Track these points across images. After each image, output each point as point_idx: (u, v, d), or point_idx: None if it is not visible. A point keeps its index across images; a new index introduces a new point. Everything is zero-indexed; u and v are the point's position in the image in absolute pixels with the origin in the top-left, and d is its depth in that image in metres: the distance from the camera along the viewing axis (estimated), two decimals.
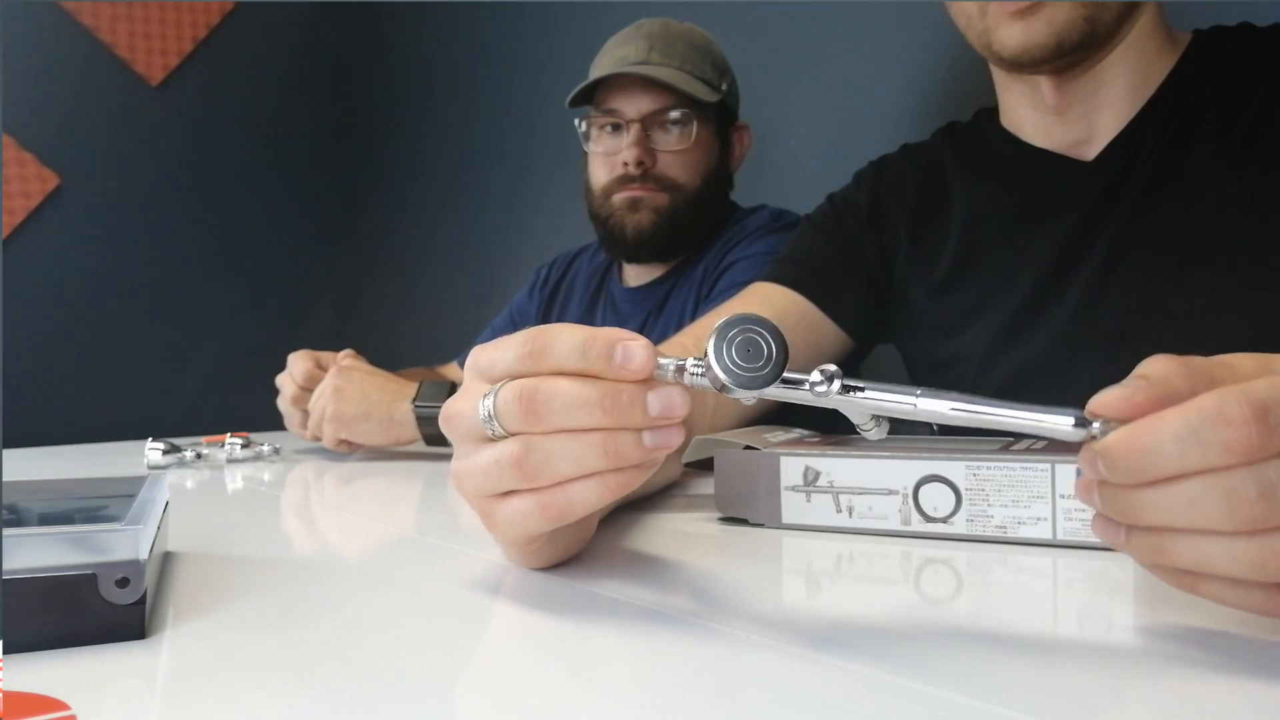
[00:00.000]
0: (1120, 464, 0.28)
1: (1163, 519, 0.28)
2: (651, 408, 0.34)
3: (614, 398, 0.33)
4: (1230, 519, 0.27)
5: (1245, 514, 0.27)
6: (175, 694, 0.29)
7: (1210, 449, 0.27)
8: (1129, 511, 0.29)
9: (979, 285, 0.75)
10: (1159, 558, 0.29)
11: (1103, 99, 0.70)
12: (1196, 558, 0.28)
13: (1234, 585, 0.29)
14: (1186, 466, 0.27)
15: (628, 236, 1.11)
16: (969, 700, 0.27)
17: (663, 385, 0.34)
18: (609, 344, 0.34)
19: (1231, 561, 0.28)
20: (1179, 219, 0.66)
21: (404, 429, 0.91)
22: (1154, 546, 0.29)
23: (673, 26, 1.11)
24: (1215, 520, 0.27)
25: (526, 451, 0.35)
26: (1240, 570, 0.28)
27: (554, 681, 0.30)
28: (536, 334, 0.36)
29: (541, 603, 0.38)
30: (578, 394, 0.34)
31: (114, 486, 0.45)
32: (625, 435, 0.34)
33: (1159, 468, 0.28)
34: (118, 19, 2.08)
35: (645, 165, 1.08)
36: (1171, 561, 0.29)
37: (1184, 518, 0.28)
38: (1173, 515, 0.28)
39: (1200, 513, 0.27)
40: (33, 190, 1.99)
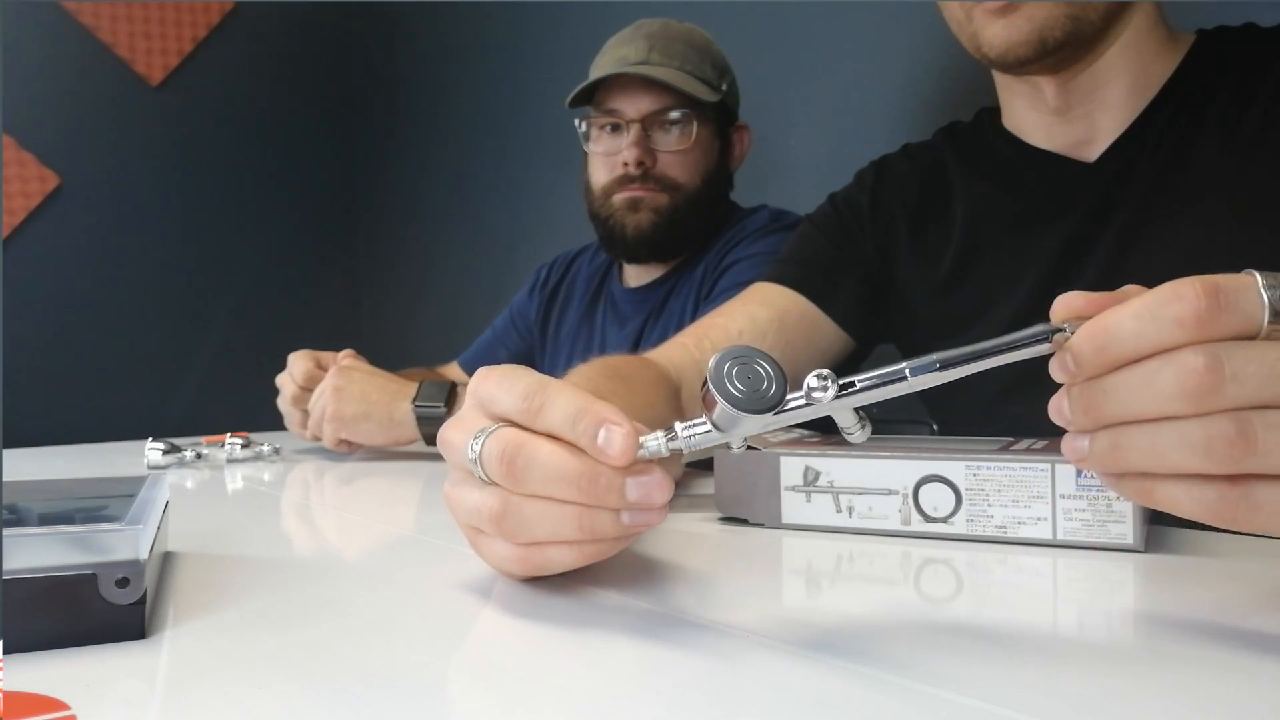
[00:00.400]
0: (1085, 349, 0.30)
1: (1124, 405, 0.30)
2: (630, 493, 0.33)
3: (591, 479, 0.33)
4: (1180, 391, 0.28)
5: (1193, 384, 0.28)
6: (175, 694, 0.29)
7: (1163, 324, 0.29)
8: (1093, 404, 0.30)
9: (981, 286, 0.75)
10: (1116, 458, 0.30)
11: (1103, 99, 0.69)
12: (1149, 448, 0.29)
13: (1187, 485, 0.30)
14: (1143, 345, 0.29)
15: (628, 236, 1.11)
16: (969, 700, 0.27)
17: (646, 469, 0.34)
18: (597, 422, 0.34)
19: (1180, 446, 0.29)
20: (1182, 220, 0.65)
21: (404, 429, 0.91)
22: (1112, 445, 0.30)
23: (673, 27, 1.11)
24: (1167, 394, 0.28)
25: (504, 510, 0.35)
26: (1188, 456, 0.29)
27: (554, 681, 0.30)
28: (538, 390, 0.36)
29: (541, 603, 0.38)
30: (557, 467, 0.34)
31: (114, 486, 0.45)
32: (602, 513, 0.34)
33: (1118, 347, 0.29)
34: (118, 19, 2.08)
35: (645, 165, 1.08)
36: (1126, 459, 0.30)
37: (1142, 401, 0.29)
38: (1131, 397, 0.29)
39: (1153, 390, 0.29)
40: (33, 190, 1.99)
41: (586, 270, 1.28)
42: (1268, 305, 0.29)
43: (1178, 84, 0.68)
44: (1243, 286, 0.29)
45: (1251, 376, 0.28)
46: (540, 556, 0.36)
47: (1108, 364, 0.30)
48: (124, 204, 2.11)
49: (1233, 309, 0.29)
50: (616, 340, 1.17)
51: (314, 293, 2.37)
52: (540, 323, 1.30)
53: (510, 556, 0.37)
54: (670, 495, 0.34)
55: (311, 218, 2.37)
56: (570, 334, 1.25)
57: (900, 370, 0.33)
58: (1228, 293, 0.29)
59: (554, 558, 0.36)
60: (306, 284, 2.36)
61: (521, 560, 0.36)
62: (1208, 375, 0.28)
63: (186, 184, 2.18)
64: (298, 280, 2.34)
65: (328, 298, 2.38)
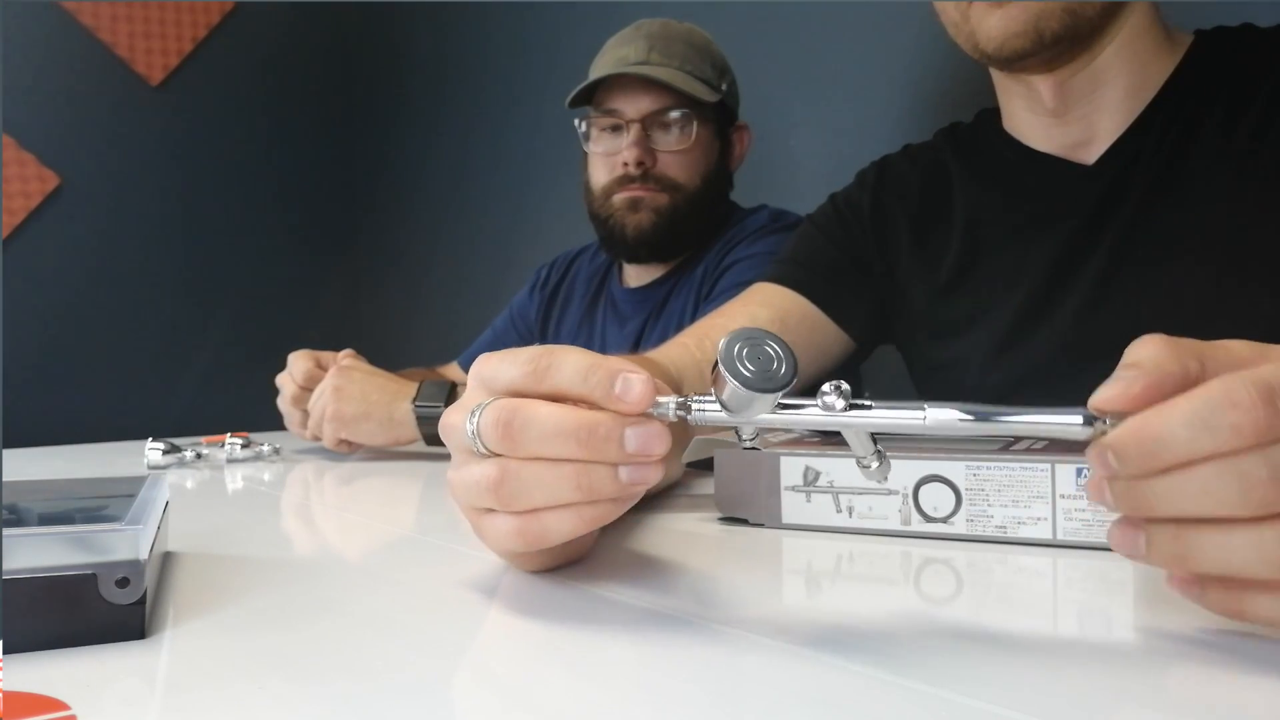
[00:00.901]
0: (1132, 453, 0.28)
1: (1177, 507, 0.28)
2: (628, 443, 0.33)
3: (590, 430, 0.33)
4: (1244, 502, 0.27)
5: (1258, 496, 0.27)
6: (175, 694, 0.29)
7: (1219, 432, 0.27)
8: (1143, 502, 0.29)
9: (982, 288, 0.75)
10: (1185, 561, 0.29)
11: (1101, 100, 0.69)
12: (1222, 554, 0.28)
13: (1272, 597, 0.29)
14: (1196, 452, 0.27)
15: (628, 236, 1.11)
16: (969, 700, 0.27)
17: (643, 421, 0.34)
18: (612, 373, 0.34)
19: (1258, 551, 0.27)
20: (1181, 221, 0.65)
21: (404, 429, 0.91)
22: (1178, 547, 0.29)
23: (673, 27, 1.11)
24: (1229, 504, 0.27)
25: (502, 476, 0.35)
26: (1261, 560, 0.28)
27: (554, 681, 0.30)
28: (544, 353, 0.36)
29: (541, 603, 0.38)
30: (555, 423, 0.34)
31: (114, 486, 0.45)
32: (600, 469, 0.34)
33: (1170, 454, 0.28)
34: (118, 19, 2.08)
35: (645, 165, 1.08)
36: (1198, 562, 0.29)
37: (1197, 504, 0.28)
38: (1186, 502, 0.28)
39: (1214, 498, 0.27)
40: (33, 190, 1.99)
41: (587, 270, 1.28)
42: None
43: (1176, 86, 0.68)
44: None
45: None
46: (538, 525, 0.35)
47: (1155, 469, 0.28)
48: (124, 204, 2.11)
49: None
50: (616, 340, 1.18)
51: (314, 293, 2.37)
52: (540, 323, 1.30)
53: (509, 530, 0.36)
54: (668, 447, 0.34)
55: (311, 217, 2.37)
56: (570, 334, 1.25)
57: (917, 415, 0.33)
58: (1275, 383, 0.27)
59: (552, 525, 0.35)
60: (306, 284, 2.36)
61: (520, 532, 0.36)
62: (1272, 486, 0.27)
63: (186, 184, 2.18)
64: (298, 280, 2.34)
65: (328, 298, 2.38)
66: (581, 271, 1.29)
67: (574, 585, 0.40)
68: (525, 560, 0.42)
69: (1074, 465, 0.44)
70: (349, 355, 0.99)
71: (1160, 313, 0.65)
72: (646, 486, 0.34)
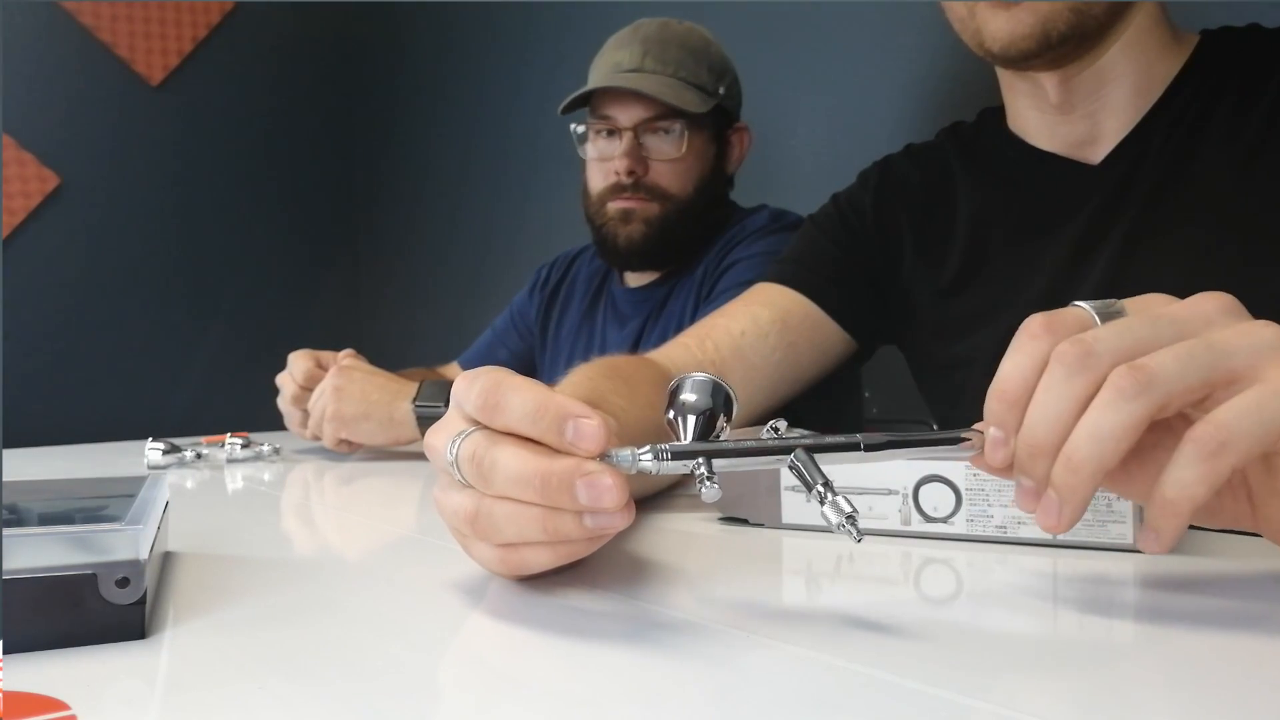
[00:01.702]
0: (994, 407, 0.36)
1: (1046, 423, 0.34)
2: (580, 496, 0.33)
3: (544, 479, 0.33)
4: (1065, 370, 0.33)
5: (1071, 358, 0.33)
6: (175, 694, 0.29)
7: (1023, 345, 0.35)
8: (1026, 443, 0.34)
9: (987, 289, 0.75)
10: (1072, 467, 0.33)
11: (1106, 99, 0.69)
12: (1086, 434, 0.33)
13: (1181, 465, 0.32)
14: (1023, 368, 0.35)
15: (619, 247, 1.11)
16: (969, 700, 0.27)
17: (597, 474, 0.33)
18: (560, 418, 0.34)
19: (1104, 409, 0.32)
20: (1187, 220, 0.65)
21: (404, 429, 0.91)
22: (1064, 462, 0.33)
23: (670, 29, 1.11)
24: (1060, 381, 0.34)
25: (476, 512, 0.36)
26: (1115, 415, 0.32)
27: (554, 681, 0.30)
28: (492, 387, 0.35)
29: (541, 602, 0.38)
30: (517, 469, 0.34)
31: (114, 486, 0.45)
32: (564, 515, 0.34)
33: (1011, 385, 0.35)
34: (118, 19, 2.08)
35: (637, 174, 1.08)
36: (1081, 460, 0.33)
37: (1050, 405, 0.34)
38: (1046, 411, 0.34)
39: (1053, 390, 0.34)
40: (33, 190, 2.00)
41: (587, 270, 1.28)
42: (1089, 309, 0.36)
43: (1182, 86, 0.68)
44: (1066, 308, 0.37)
45: (1110, 336, 0.34)
46: (517, 557, 0.37)
47: (1016, 405, 0.35)
48: (124, 204, 2.11)
49: (1066, 315, 0.36)
50: (616, 340, 1.17)
51: (314, 292, 2.37)
52: (540, 323, 1.30)
53: (491, 558, 0.37)
54: (624, 499, 0.33)
55: (312, 217, 2.37)
56: (570, 334, 1.25)
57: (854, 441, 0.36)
58: (1059, 311, 0.36)
59: (529, 559, 0.36)
60: (306, 284, 2.36)
61: (502, 560, 0.37)
62: (1078, 347, 0.33)
63: (186, 184, 2.18)
64: (298, 280, 2.34)
65: (328, 297, 2.39)
66: (582, 271, 1.29)
67: (573, 585, 0.40)
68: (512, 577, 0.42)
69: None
70: (349, 355, 0.99)
71: None
72: (614, 532, 0.35)
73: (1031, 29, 0.64)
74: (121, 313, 2.10)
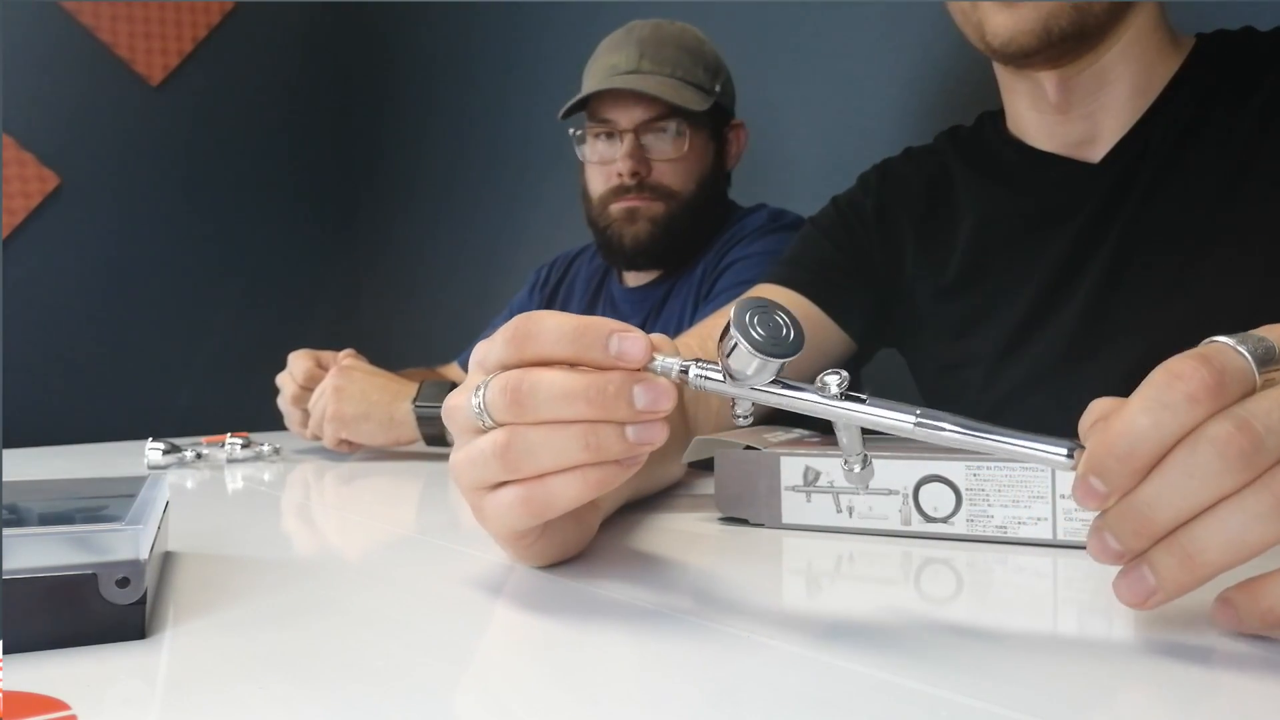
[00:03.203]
0: (1107, 461, 0.29)
1: (1171, 506, 0.28)
2: (638, 400, 0.33)
3: (600, 389, 0.33)
4: (1224, 465, 0.27)
5: (1235, 452, 0.27)
6: (175, 694, 0.29)
7: (1176, 407, 0.27)
8: (1142, 522, 0.29)
9: (988, 289, 0.75)
10: (1193, 567, 0.28)
11: (1105, 99, 0.70)
12: (1223, 540, 0.28)
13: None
14: (1165, 435, 0.28)
15: (626, 247, 1.11)
16: (969, 700, 0.27)
17: (649, 378, 0.34)
18: (604, 333, 0.34)
19: (1254, 519, 0.27)
20: (1185, 218, 0.66)
21: (404, 429, 0.91)
22: (1181, 556, 0.28)
23: (664, 29, 1.11)
24: (1212, 474, 0.27)
25: (510, 441, 0.35)
26: (1266, 531, 0.27)
27: (554, 681, 0.30)
28: (520, 320, 0.36)
29: (541, 602, 0.38)
30: (563, 384, 0.34)
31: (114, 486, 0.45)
32: (607, 428, 0.34)
33: (1142, 446, 0.28)
34: (118, 19, 2.08)
35: (640, 175, 1.09)
36: (1205, 564, 0.28)
37: (1188, 492, 0.28)
38: (1177, 496, 0.28)
39: (1197, 477, 0.27)
40: (33, 190, 2.00)
41: (586, 270, 1.28)
42: (1249, 357, 0.29)
43: (1179, 87, 0.69)
44: (1220, 349, 0.29)
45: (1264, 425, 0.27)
46: (544, 492, 0.35)
47: (1135, 471, 0.28)
48: (124, 204, 2.11)
49: (1229, 369, 0.28)
50: None
51: (314, 293, 2.37)
52: None
53: (513, 501, 0.36)
54: (674, 403, 0.34)
55: (312, 217, 2.37)
56: None
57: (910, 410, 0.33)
58: (1217, 357, 0.28)
59: (558, 491, 0.35)
60: (306, 284, 2.36)
61: (525, 501, 0.36)
62: (1244, 436, 0.27)
63: (186, 184, 2.18)
64: (298, 280, 2.34)
65: (328, 297, 2.39)
66: (581, 271, 1.29)
67: (574, 585, 0.40)
68: (522, 552, 0.41)
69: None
70: (349, 355, 0.99)
71: (1167, 307, 0.65)
72: (653, 446, 0.34)
73: (1033, 25, 0.64)
74: (122, 312, 2.10)
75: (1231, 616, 0.30)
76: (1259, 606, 0.29)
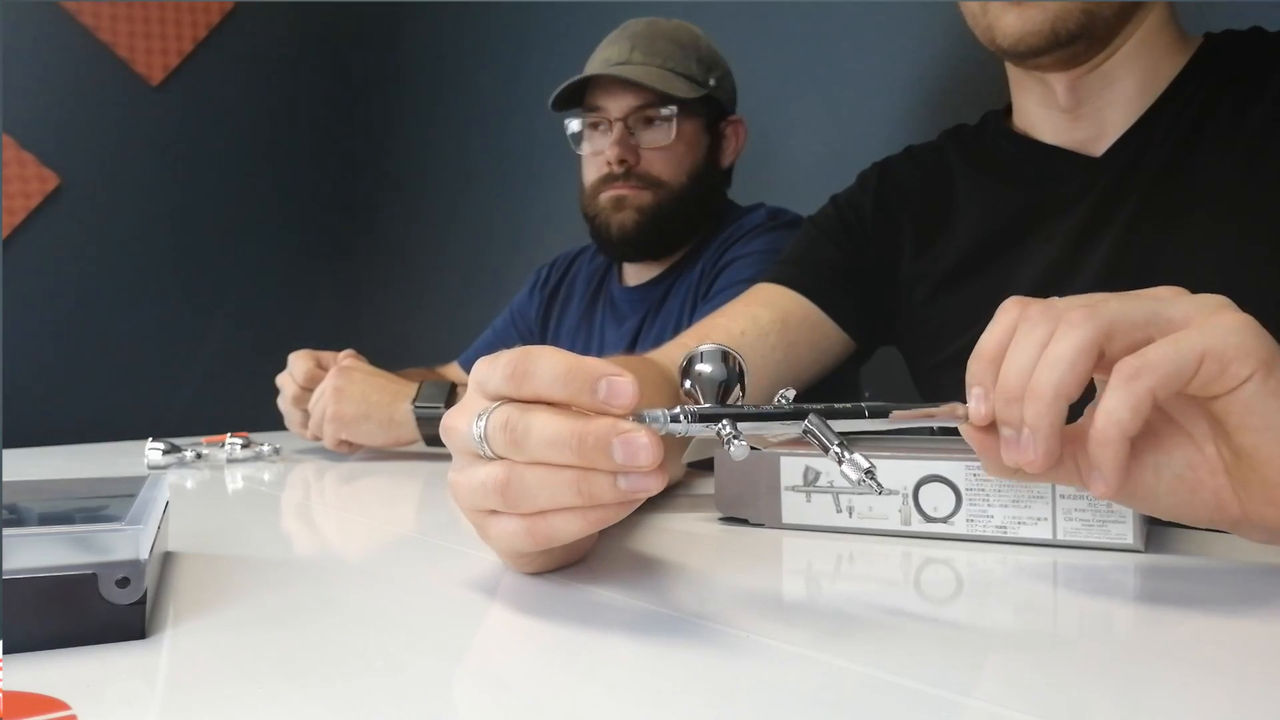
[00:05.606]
0: (971, 366, 0.39)
1: (1014, 368, 0.37)
2: (615, 454, 0.33)
3: (580, 439, 0.33)
4: (1034, 322, 0.37)
5: (1038, 310, 0.38)
6: (175, 694, 0.29)
7: (1000, 319, 0.39)
8: (1002, 391, 0.37)
9: (987, 282, 0.75)
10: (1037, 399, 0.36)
11: (1113, 96, 0.70)
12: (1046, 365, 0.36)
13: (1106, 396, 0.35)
14: (1000, 336, 0.39)
15: (612, 235, 1.11)
16: (969, 700, 0.27)
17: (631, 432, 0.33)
18: (592, 377, 0.34)
19: (1059, 342, 0.36)
20: (1187, 211, 0.66)
21: (404, 429, 0.91)
22: (1031, 397, 0.36)
23: (659, 25, 1.12)
24: (1030, 330, 0.37)
25: (508, 480, 0.35)
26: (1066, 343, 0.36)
27: (553, 681, 0.30)
28: (520, 356, 0.36)
29: (541, 602, 0.38)
30: (552, 431, 0.34)
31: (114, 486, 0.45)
32: (599, 476, 0.34)
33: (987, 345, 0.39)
34: (118, 19, 2.08)
35: (628, 163, 1.09)
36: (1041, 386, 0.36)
37: (1019, 351, 0.37)
38: (1014, 359, 0.37)
39: (1022, 339, 0.38)
40: (33, 190, 1.99)
41: (586, 270, 1.29)
42: None
43: (1185, 83, 0.69)
44: None
45: (1070, 300, 0.38)
46: (547, 526, 0.35)
47: (993, 363, 0.38)
48: (124, 204, 2.11)
49: (1039, 299, 0.39)
50: (614, 339, 1.18)
51: (314, 293, 2.37)
52: (540, 322, 1.30)
53: (517, 531, 0.36)
54: (659, 458, 0.33)
55: (312, 217, 2.37)
56: (570, 333, 1.25)
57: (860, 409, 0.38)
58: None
59: (559, 526, 0.35)
60: (307, 284, 2.36)
61: (529, 533, 0.36)
62: (1041, 306, 0.38)
63: (187, 184, 2.18)
64: (298, 280, 2.34)
65: (328, 298, 2.38)
66: (581, 271, 1.29)
67: (574, 585, 0.40)
68: (524, 562, 0.42)
69: None
70: (349, 355, 0.99)
71: None
72: (647, 495, 0.34)
73: (1041, 26, 0.65)
74: (121, 313, 2.10)
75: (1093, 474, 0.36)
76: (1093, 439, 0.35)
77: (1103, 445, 0.35)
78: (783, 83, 1.33)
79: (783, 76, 1.33)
